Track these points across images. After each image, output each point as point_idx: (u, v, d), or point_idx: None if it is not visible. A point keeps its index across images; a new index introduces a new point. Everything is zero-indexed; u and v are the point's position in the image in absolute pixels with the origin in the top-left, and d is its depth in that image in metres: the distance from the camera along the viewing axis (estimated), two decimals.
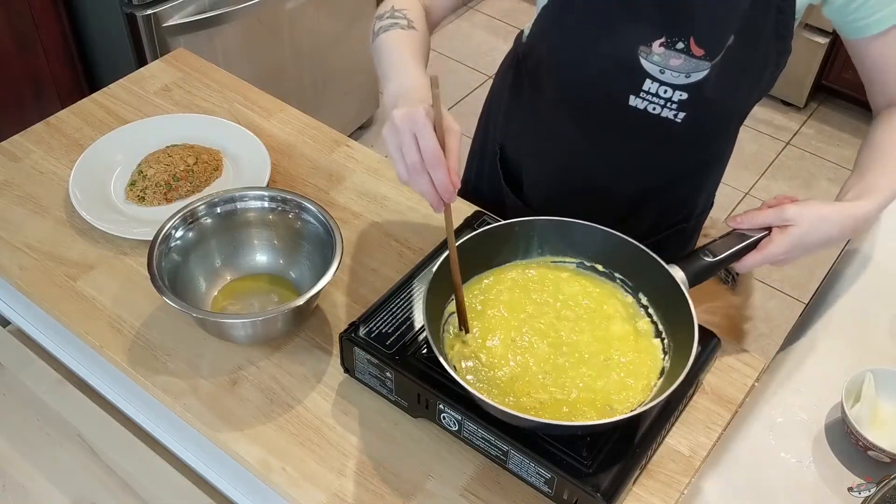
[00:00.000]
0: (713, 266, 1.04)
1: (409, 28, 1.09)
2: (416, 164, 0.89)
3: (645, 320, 1.04)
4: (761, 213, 1.04)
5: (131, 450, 1.16)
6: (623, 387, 0.97)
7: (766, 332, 2.47)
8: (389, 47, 1.07)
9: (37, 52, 2.16)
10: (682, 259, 1.05)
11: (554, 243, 1.09)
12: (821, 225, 1.02)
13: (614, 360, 1.00)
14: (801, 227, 1.01)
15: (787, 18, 1.09)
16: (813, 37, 3.06)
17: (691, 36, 1.07)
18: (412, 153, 0.89)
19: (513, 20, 3.65)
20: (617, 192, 1.28)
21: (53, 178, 1.31)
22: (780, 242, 1.02)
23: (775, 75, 1.15)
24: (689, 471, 1.00)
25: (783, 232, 1.02)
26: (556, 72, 1.20)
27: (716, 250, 1.05)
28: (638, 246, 1.05)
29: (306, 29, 2.48)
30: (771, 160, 3.12)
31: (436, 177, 0.89)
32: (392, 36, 1.08)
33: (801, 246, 1.02)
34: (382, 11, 1.13)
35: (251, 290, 1.16)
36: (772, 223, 1.03)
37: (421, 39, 1.09)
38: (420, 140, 0.88)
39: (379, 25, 1.11)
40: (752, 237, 1.04)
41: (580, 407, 0.95)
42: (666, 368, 0.99)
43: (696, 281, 1.03)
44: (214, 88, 1.50)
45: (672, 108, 1.14)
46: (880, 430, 1.02)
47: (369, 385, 1.05)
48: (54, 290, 1.15)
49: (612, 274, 1.08)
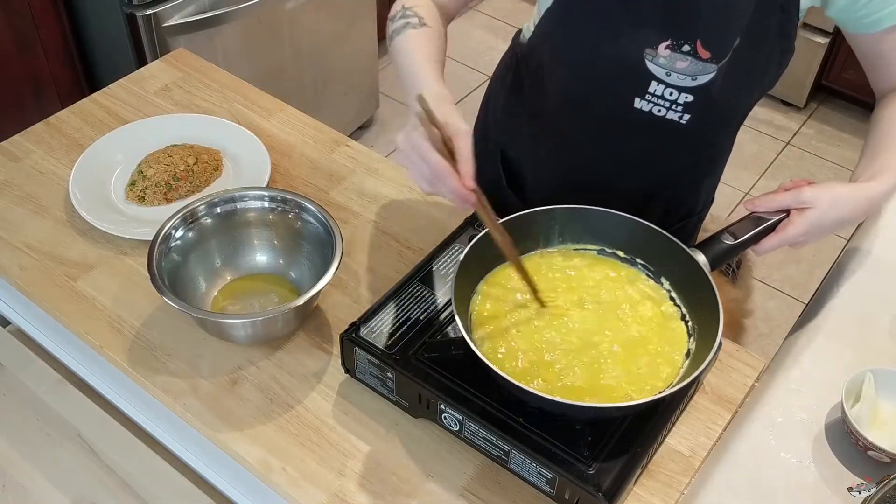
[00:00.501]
0: (733, 248, 1.05)
1: (420, 26, 1.10)
2: (429, 179, 0.93)
3: (669, 303, 1.05)
4: (778, 196, 1.05)
5: (131, 450, 1.16)
6: (653, 370, 0.98)
7: (766, 332, 2.47)
8: (403, 53, 1.08)
9: (37, 52, 2.15)
10: (703, 243, 1.06)
11: (574, 231, 1.10)
12: (837, 205, 1.03)
13: (642, 343, 1.00)
14: (819, 209, 1.03)
15: (790, 18, 1.09)
16: (813, 37, 3.06)
17: (698, 38, 1.07)
18: (423, 169, 0.93)
19: (513, 20, 3.65)
20: (619, 191, 1.28)
21: (53, 178, 1.31)
22: (799, 224, 1.03)
23: (779, 74, 1.16)
24: (689, 471, 1.00)
25: (801, 214, 1.04)
26: (560, 74, 1.19)
27: (736, 233, 1.06)
28: (658, 231, 1.06)
29: (306, 29, 2.48)
30: (771, 160, 3.12)
31: (448, 186, 0.92)
32: (405, 39, 1.09)
33: (818, 227, 1.04)
34: (394, 12, 1.13)
35: (251, 290, 1.16)
36: (789, 205, 1.05)
37: (433, 36, 1.10)
38: (423, 157, 0.92)
39: (392, 28, 1.11)
40: (770, 220, 1.06)
41: (609, 391, 0.95)
42: (692, 351, 0.99)
43: (717, 264, 1.05)
44: (214, 88, 1.50)
45: (677, 109, 1.14)
46: (880, 430, 1.02)
47: (370, 385, 1.05)
48: (54, 290, 1.15)
49: (633, 259, 1.09)
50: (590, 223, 1.09)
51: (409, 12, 1.12)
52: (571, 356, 0.98)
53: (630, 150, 1.24)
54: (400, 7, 1.13)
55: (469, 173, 0.92)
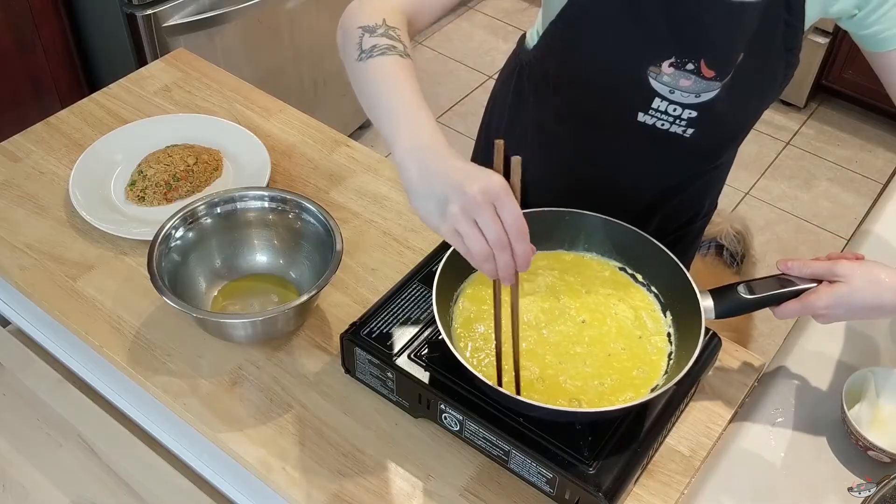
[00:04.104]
0: (748, 304, 0.99)
1: (405, 56, 0.93)
2: (502, 240, 0.78)
3: (663, 338, 1.03)
4: (814, 263, 0.99)
5: (131, 450, 1.16)
6: (619, 390, 0.97)
7: (766, 332, 2.46)
8: (392, 81, 0.90)
9: (37, 52, 2.15)
10: (719, 290, 1.01)
11: (600, 241, 1.09)
12: (872, 287, 0.95)
13: (617, 364, 1.00)
14: (850, 286, 0.95)
15: (794, 32, 1.08)
16: (813, 37, 3.05)
17: (702, 58, 1.06)
18: (495, 228, 0.78)
19: (513, 20, 3.65)
20: (622, 200, 1.27)
21: (53, 178, 1.31)
22: (824, 296, 0.96)
23: (783, 86, 1.15)
24: (689, 471, 1.00)
25: (830, 286, 0.96)
26: (563, 87, 1.18)
27: (755, 289, 1.00)
28: (679, 266, 1.02)
29: (306, 29, 2.48)
30: (771, 160, 3.12)
31: (519, 249, 0.79)
32: (389, 66, 0.91)
33: (844, 305, 0.96)
34: (371, 24, 0.95)
35: (251, 290, 1.16)
36: (822, 275, 0.98)
37: (415, 73, 0.94)
38: (502, 212, 0.78)
39: (371, 43, 0.93)
40: (798, 285, 0.99)
41: (594, 399, 0.95)
42: (658, 386, 0.98)
43: (726, 314, 1.00)
44: (214, 88, 1.50)
45: (681, 124, 1.13)
46: (880, 430, 1.02)
47: (370, 385, 1.05)
48: (54, 290, 1.15)
49: (649, 286, 1.07)
50: (615, 237, 1.08)
51: (392, 33, 0.94)
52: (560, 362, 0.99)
53: (633, 161, 1.23)
54: (380, 21, 0.95)
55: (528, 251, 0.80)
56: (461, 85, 3.28)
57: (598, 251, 1.11)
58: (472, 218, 0.78)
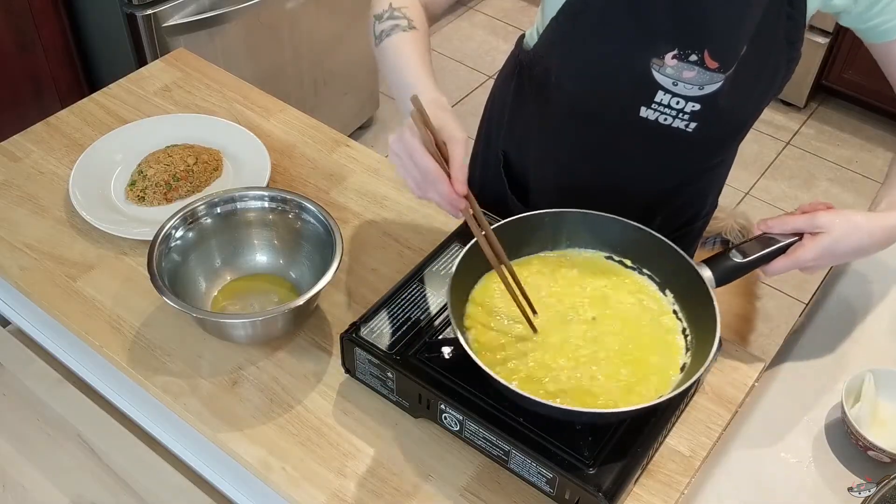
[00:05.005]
0: (742, 267, 1.04)
1: (410, 29, 1.07)
2: (419, 182, 0.92)
3: (671, 316, 1.04)
4: (793, 218, 1.03)
5: (131, 450, 1.16)
6: (643, 380, 0.97)
7: (766, 332, 2.47)
8: (395, 56, 1.05)
9: (37, 52, 2.15)
10: (711, 259, 1.05)
11: (582, 236, 1.10)
12: (852, 233, 1.00)
13: (637, 353, 1.00)
14: (832, 235, 1.00)
15: (796, 25, 1.08)
16: (813, 37, 3.05)
17: (706, 49, 1.06)
18: (413, 172, 0.92)
19: (513, 20, 3.65)
20: (624, 198, 1.27)
21: (53, 178, 1.31)
22: (811, 248, 1.01)
23: (785, 80, 1.15)
24: (689, 471, 1.00)
25: (814, 238, 1.01)
26: (565, 83, 1.18)
27: (745, 251, 1.04)
28: (667, 243, 1.05)
29: (306, 29, 2.48)
30: (771, 160, 3.12)
31: (439, 191, 0.91)
32: (395, 42, 1.06)
33: (830, 253, 1.01)
34: (380, 11, 1.10)
35: (251, 290, 1.16)
36: (803, 229, 1.02)
37: (422, 39, 1.08)
38: (415, 160, 0.91)
39: (380, 28, 1.08)
40: (782, 241, 1.04)
41: (600, 397, 0.95)
42: (687, 365, 0.99)
43: (723, 281, 1.03)
44: (214, 88, 1.50)
45: (684, 118, 1.13)
46: (880, 430, 1.02)
47: (370, 385, 1.05)
48: (54, 290, 1.15)
49: (640, 269, 1.09)
50: (598, 229, 1.09)
51: (397, 13, 1.08)
52: (566, 359, 0.98)
53: (636, 158, 1.23)
54: (387, 6, 1.09)
55: (461, 179, 0.91)
56: (461, 85, 3.28)
57: (581, 245, 1.11)
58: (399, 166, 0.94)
